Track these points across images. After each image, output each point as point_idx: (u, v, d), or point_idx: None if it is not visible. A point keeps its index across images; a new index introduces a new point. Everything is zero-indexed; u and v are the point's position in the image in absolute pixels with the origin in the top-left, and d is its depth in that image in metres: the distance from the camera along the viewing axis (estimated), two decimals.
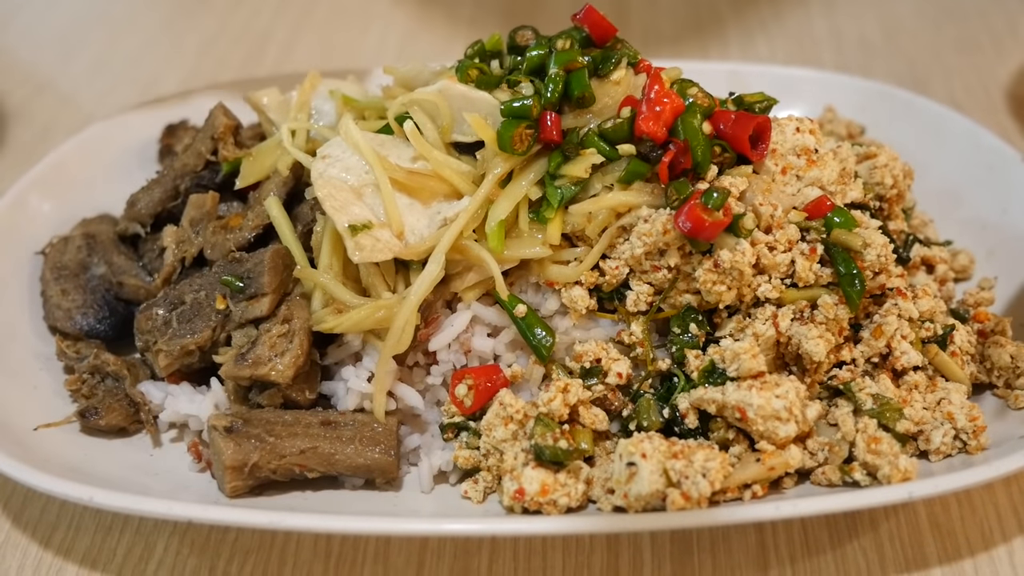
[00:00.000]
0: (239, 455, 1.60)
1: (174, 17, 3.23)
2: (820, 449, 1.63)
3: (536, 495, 1.57)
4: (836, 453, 1.62)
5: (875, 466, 1.60)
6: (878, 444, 1.60)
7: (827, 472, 1.62)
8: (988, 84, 2.62)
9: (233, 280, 1.72)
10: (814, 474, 1.64)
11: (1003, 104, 2.30)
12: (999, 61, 2.68)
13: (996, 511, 1.69)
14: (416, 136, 1.72)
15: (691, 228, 1.63)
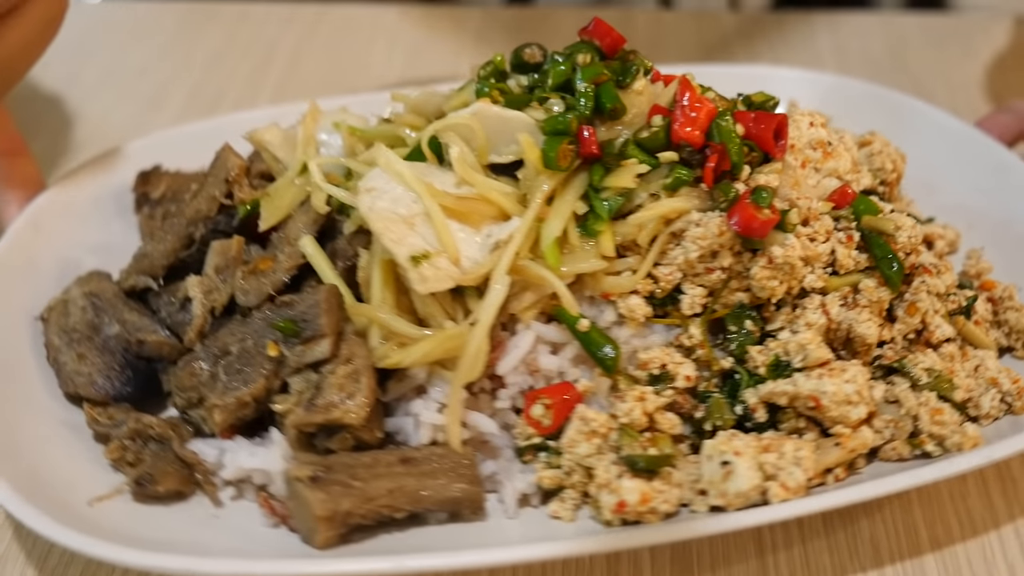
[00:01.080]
0: (330, 504, 1.56)
1: (181, 30, 3.21)
2: (885, 427, 1.69)
3: (637, 505, 1.58)
4: (901, 429, 1.69)
5: (941, 436, 1.67)
6: (941, 415, 1.68)
7: (897, 447, 1.69)
8: (992, 100, 2.71)
9: (288, 324, 1.67)
10: (882, 451, 1.70)
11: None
12: (1001, 79, 2.77)
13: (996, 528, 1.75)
14: (462, 162, 1.71)
15: (745, 227, 1.67)
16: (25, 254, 1.97)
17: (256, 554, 1.58)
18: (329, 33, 3.18)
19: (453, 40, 3.09)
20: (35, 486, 1.59)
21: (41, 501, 1.55)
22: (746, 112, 1.82)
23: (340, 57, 3.07)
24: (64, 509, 1.58)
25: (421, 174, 1.72)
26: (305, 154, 1.92)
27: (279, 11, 3.28)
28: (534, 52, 1.91)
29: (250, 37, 3.17)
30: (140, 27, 3.27)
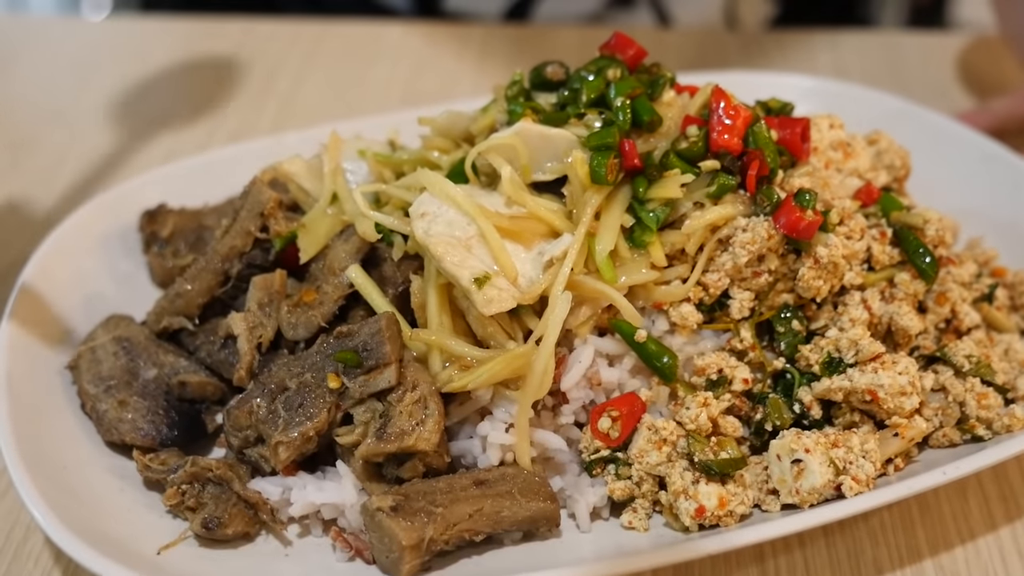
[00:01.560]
0: (414, 532, 1.55)
1: (184, 48, 3.19)
2: (934, 415, 1.75)
3: (715, 509, 1.60)
4: (950, 415, 1.75)
5: (989, 419, 1.74)
6: (987, 399, 1.74)
7: (947, 434, 1.75)
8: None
9: (350, 355, 1.65)
10: (933, 438, 1.75)
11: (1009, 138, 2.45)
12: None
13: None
14: (515, 182, 1.72)
15: (792, 229, 1.71)
16: (38, 305, 1.91)
17: None
18: (332, 51, 3.19)
19: (455, 57, 3.11)
20: (103, 539, 1.54)
21: (114, 554, 1.51)
22: (770, 118, 1.86)
23: (343, 75, 3.08)
24: (138, 559, 1.54)
25: (470, 196, 1.72)
26: (335, 184, 1.90)
27: (282, 30, 3.27)
28: (556, 70, 1.93)
29: (253, 55, 3.16)
30: (143, 45, 3.27)
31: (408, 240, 1.77)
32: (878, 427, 1.72)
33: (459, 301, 1.71)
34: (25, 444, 1.64)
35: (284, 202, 1.90)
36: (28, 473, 1.58)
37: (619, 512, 1.70)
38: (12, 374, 1.75)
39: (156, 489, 1.73)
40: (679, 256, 1.78)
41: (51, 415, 1.78)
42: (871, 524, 1.76)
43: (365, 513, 1.59)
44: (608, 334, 1.75)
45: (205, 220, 2.11)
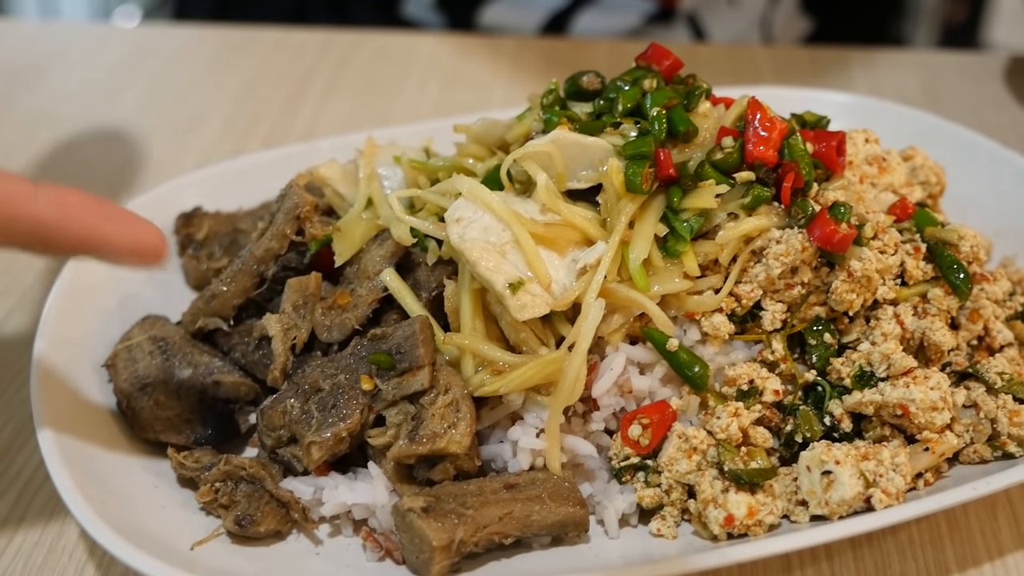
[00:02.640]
0: (444, 533, 1.56)
1: (219, 55, 3.26)
2: (965, 431, 1.75)
3: (744, 518, 1.61)
4: (981, 432, 1.74)
5: (1020, 437, 1.73)
6: (1018, 416, 1.73)
7: (978, 450, 1.74)
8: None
9: (384, 357, 1.67)
10: (964, 454, 1.75)
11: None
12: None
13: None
14: (550, 189, 1.73)
15: (827, 242, 1.72)
16: (75, 305, 1.93)
17: None
18: (365, 61, 3.23)
19: (488, 69, 3.14)
20: (137, 534, 1.56)
21: (148, 548, 1.52)
22: (806, 131, 1.87)
23: (375, 85, 3.12)
24: (172, 554, 1.56)
25: (505, 202, 1.74)
26: (369, 188, 1.92)
27: (315, 38, 3.31)
28: (592, 79, 1.95)
29: (286, 64, 3.21)
30: (177, 52, 3.32)
31: (442, 245, 1.79)
32: (908, 442, 1.72)
33: (492, 306, 1.73)
34: (62, 440, 1.65)
35: (319, 206, 1.91)
36: (65, 468, 1.60)
37: (648, 519, 1.71)
38: (50, 372, 1.77)
39: (189, 486, 1.75)
40: (712, 266, 1.78)
41: (87, 412, 1.80)
42: (899, 539, 1.75)
43: (396, 513, 1.60)
44: (640, 342, 1.76)
45: (240, 224, 2.13)
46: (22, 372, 2.06)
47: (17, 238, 1.37)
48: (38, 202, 1.36)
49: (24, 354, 2.05)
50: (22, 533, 1.77)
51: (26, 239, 1.38)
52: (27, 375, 2.01)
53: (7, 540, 1.76)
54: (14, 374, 2.07)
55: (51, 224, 1.37)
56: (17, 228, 1.36)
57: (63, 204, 1.39)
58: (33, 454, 1.90)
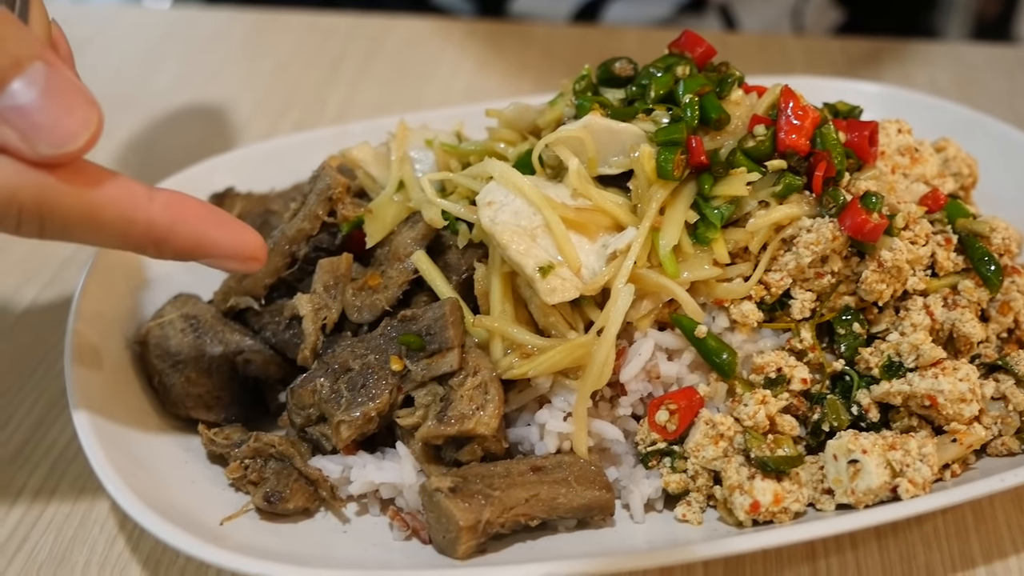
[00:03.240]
0: (471, 514, 1.57)
1: (250, 38, 3.28)
2: (993, 423, 1.74)
3: (770, 505, 1.61)
4: (1009, 424, 1.74)
5: None
6: None
7: (1007, 442, 1.74)
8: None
9: (414, 338, 1.68)
10: (991, 446, 1.75)
11: None
12: None
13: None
14: (579, 174, 1.74)
15: (858, 232, 1.72)
16: (108, 283, 1.95)
17: (400, 564, 1.59)
18: (396, 46, 3.25)
19: (518, 56, 3.15)
20: (168, 508, 1.57)
21: (179, 522, 1.54)
22: (839, 120, 1.87)
23: (406, 70, 3.13)
24: (201, 528, 1.57)
25: (537, 187, 1.74)
26: (401, 171, 1.93)
27: (346, 23, 3.33)
28: (625, 66, 1.95)
29: (318, 48, 3.23)
30: (209, 35, 3.35)
31: (473, 228, 1.79)
32: (936, 433, 1.72)
33: (522, 290, 1.74)
34: (94, 415, 1.67)
35: (352, 188, 1.92)
36: (98, 442, 1.62)
37: (673, 505, 1.71)
38: (83, 347, 1.79)
39: (219, 463, 1.77)
40: (742, 254, 1.79)
41: (120, 388, 1.81)
42: (925, 530, 1.76)
43: (424, 493, 1.61)
44: (668, 328, 1.77)
45: (271, 205, 2.15)
46: (55, 347, 2.09)
47: (132, 239, 1.40)
48: (154, 205, 1.39)
49: (57, 330, 2.09)
50: (54, 506, 1.79)
51: (140, 241, 1.40)
52: (60, 350, 2.04)
53: (39, 512, 1.78)
54: (47, 349, 2.09)
55: (165, 227, 1.40)
56: (133, 229, 1.38)
57: (177, 208, 1.42)
58: (65, 428, 1.93)
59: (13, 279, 2.28)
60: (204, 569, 1.69)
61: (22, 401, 1.99)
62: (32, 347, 2.10)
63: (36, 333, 2.14)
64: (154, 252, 1.44)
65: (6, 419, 1.95)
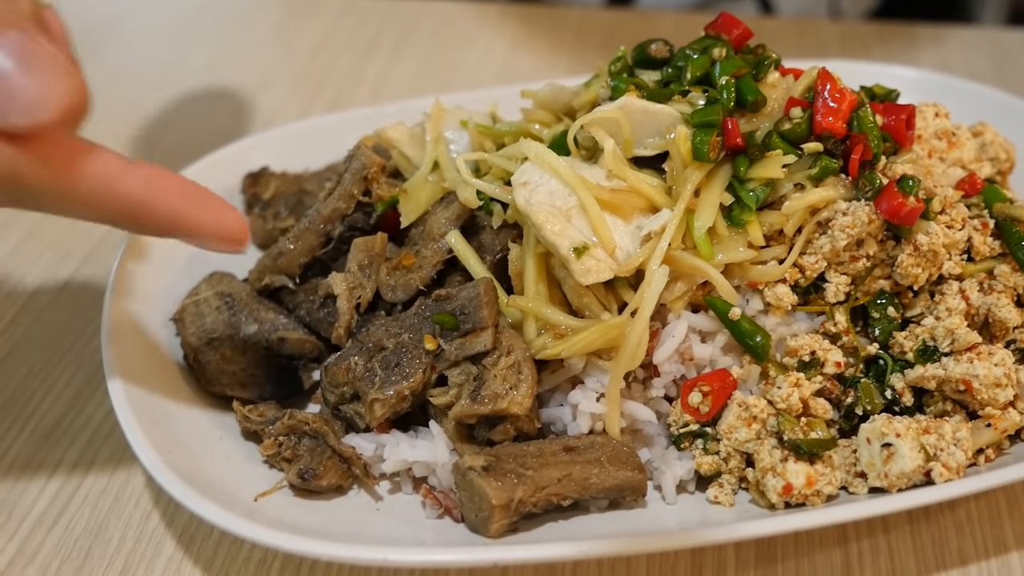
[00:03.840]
0: (504, 493, 1.58)
1: (286, 19, 3.31)
2: None
3: (803, 488, 1.61)
4: None
5: None
6: None
7: None
8: None
9: (448, 318, 1.68)
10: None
11: None
12: None
13: None
14: (617, 156, 1.74)
15: (894, 215, 1.71)
16: (144, 261, 1.97)
17: (432, 542, 1.60)
18: (430, 28, 3.26)
19: (551, 39, 3.14)
20: (203, 483, 1.59)
21: (214, 497, 1.55)
22: (875, 103, 1.86)
23: (440, 52, 3.15)
24: (236, 504, 1.58)
25: (572, 167, 1.74)
26: (436, 151, 1.93)
27: (382, 5, 3.34)
28: (660, 48, 1.94)
29: (353, 28, 3.24)
30: (245, 14, 3.37)
31: (507, 209, 1.80)
32: (970, 418, 1.71)
33: (556, 270, 1.74)
34: (131, 390, 1.69)
35: (386, 167, 1.93)
36: (134, 417, 1.63)
37: (705, 487, 1.72)
38: (120, 324, 1.81)
39: (253, 440, 1.78)
40: (777, 237, 1.78)
41: (155, 365, 1.83)
42: (957, 515, 1.75)
43: (457, 472, 1.62)
44: (702, 311, 1.77)
45: (305, 185, 2.16)
46: (92, 323, 2.11)
47: (108, 212, 1.39)
48: (131, 180, 1.38)
49: (94, 306, 2.11)
50: (90, 480, 1.82)
51: (117, 214, 1.39)
52: (97, 326, 2.06)
53: (75, 487, 1.80)
54: (84, 325, 2.11)
55: (142, 201, 1.38)
56: (110, 202, 1.37)
57: (156, 183, 1.40)
58: (101, 404, 1.95)
59: (50, 257, 2.30)
60: (238, 544, 1.70)
61: (59, 376, 2.01)
62: (69, 324, 2.12)
63: (73, 310, 2.16)
64: (132, 227, 1.43)
65: (44, 393, 1.97)
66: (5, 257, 2.31)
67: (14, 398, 1.96)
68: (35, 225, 2.38)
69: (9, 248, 2.33)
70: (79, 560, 1.69)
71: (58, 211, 1.38)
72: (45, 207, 1.37)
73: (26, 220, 2.39)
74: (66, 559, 1.69)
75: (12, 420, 1.92)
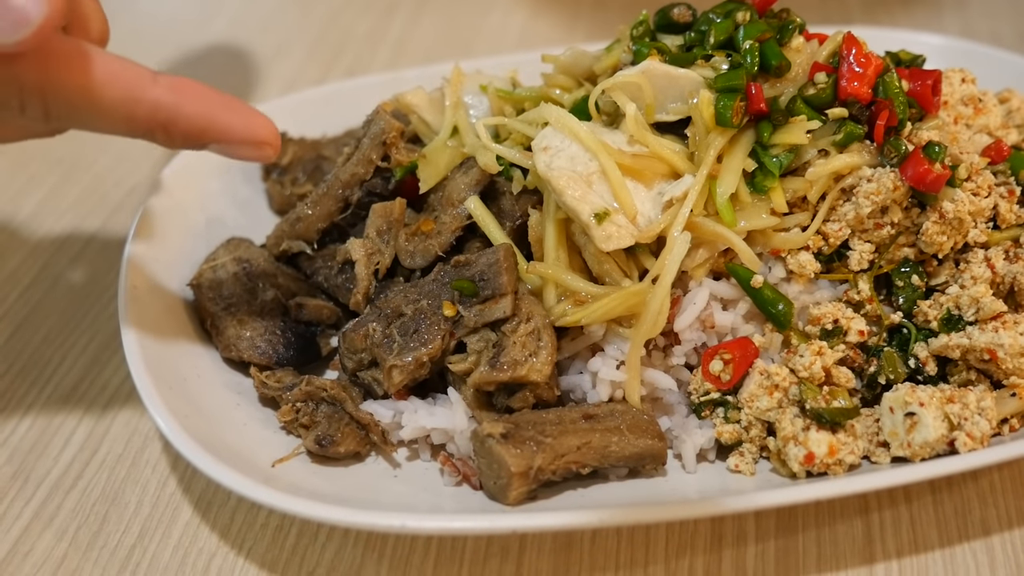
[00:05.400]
0: (523, 460, 1.56)
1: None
2: None
3: (825, 457, 1.60)
4: None
5: None
6: None
7: None
8: None
9: (467, 284, 1.67)
10: None
11: None
12: None
13: None
14: (639, 121, 1.71)
15: (919, 182, 1.68)
16: (162, 225, 1.95)
17: (450, 509, 1.60)
18: None
19: (571, 4, 3.12)
20: (221, 449, 1.58)
21: (232, 463, 1.55)
22: (901, 69, 1.83)
23: (459, 17, 3.12)
24: (254, 469, 1.58)
25: (593, 132, 1.72)
26: (455, 116, 1.91)
27: None
28: (683, 12, 1.92)
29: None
30: None
31: (527, 174, 1.78)
32: (995, 387, 1.69)
33: (576, 237, 1.72)
34: (148, 355, 1.68)
35: (405, 132, 1.91)
36: (151, 382, 1.63)
37: (725, 455, 1.70)
38: (137, 290, 1.80)
39: (271, 406, 1.78)
40: (800, 204, 1.76)
41: (173, 330, 1.82)
42: (980, 485, 1.73)
43: (475, 439, 1.61)
44: (724, 278, 1.75)
45: (323, 150, 2.14)
46: (109, 288, 2.10)
47: (137, 122, 1.40)
48: (158, 86, 1.39)
49: (111, 271, 2.10)
50: (107, 445, 1.81)
51: (146, 123, 1.41)
52: (114, 291, 2.05)
53: (92, 452, 1.80)
54: (101, 290, 2.11)
55: (170, 107, 1.40)
56: (138, 110, 1.39)
57: (183, 89, 1.42)
58: (118, 369, 1.94)
59: (67, 222, 2.30)
60: (255, 510, 1.70)
61: (76, 340, 2.00)
62: (86, 288, 2.12)
63: (90, 275, 2.15)
64: (163, 138, 1.44)
65: (61, 358, 1.97)
66: (23, 223, 2.30)
67: (31, 363, 1.96)
68: (52, 191, 2.37)
69: (27, 213, 2.32)
70: (96, 525, 1.68)
71: (89, 122, 1.40)
72: (76, 116, 1.38)
73: (43, 185, 2.39)
74: (83, 524, 1.69)
75: (29, 385, 1.92)
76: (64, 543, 1.65)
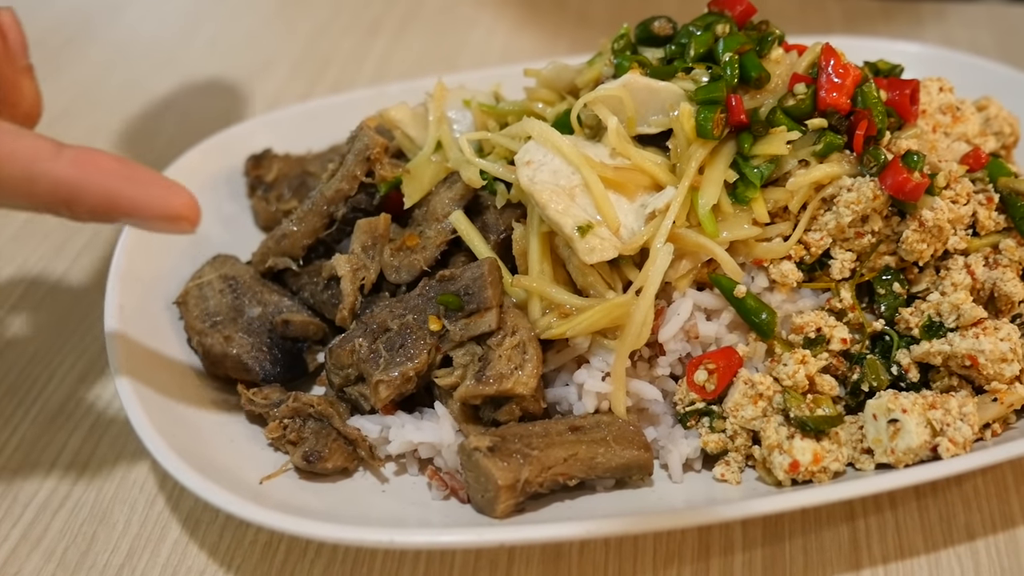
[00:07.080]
0: (510, 473, 1.57)
1: (288, 0, 3.31)
2: None
3: (810, 465, 1.61)
4: None
5: None
6: None
7: None
8: None
9: (452, 298, 1.68)
10: None
11: None
12: None
13: None
14: (619, 133, 1.73)
15: (899, 191, 1.70)
16: (147, 242, 1.95)
17: (438, 523, 1.60)
18: (432, 9, 3.26)
19: (554, 19, 3.15)
20: (208, 467, 1.58)
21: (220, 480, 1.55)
22: (879, 79, 1.85)
23: (442, 32, 3.14)
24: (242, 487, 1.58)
25: (576, 146, 1.73)
26: (439, 131, 1.93)
27: None
28: (664, 25, 1.93)
29: (355, 9, 3.24)
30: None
31: (511, 188, 1.79)
32: (976, 392, 1.71)
33: (560, 250, 1.73)
34: (135, 374, 1.68)
35: (389, 148, 1.92)
36: (138, 401, 1.63)
37: (711, 465, 1.71)
38: (123, 308, 1.80)
39: (258, 423, 1.78)
40: (781, 214, 1.77)
41: (159, 348, 1.83)
42: (964, 490, 1.75)
43: (462, 452, 1.62)
44: (707, 288, 1.76)
45: (308, 166, 2.15)
46: (95, 308, 2.10)
47: (38, 197, 1.35)
48: (59, 161, 1.34)
49: (96, 290, 2.11)
50: (94, 465, 1.81)
51: (47, 200, 1.36)
52: (99, 311, 2.04)
53: (79, 472, 1.80)
54: (87, 308, 2.11)
55: (71, 184, 1.34)
56: (37, 188, 1.34)
57: (85, 164, 1.35)
58: (105, 389, 1.95)
59: (54, 240, 2.30)
60: (243, 528, 1.70)
61: (63, 360, 2.01)
62: (72, 307, 2.12)
63: (76, 294, 2.16)
64: (68, 214, 1.38)
65: (48, 378, 1.97)
66: (8, 241, 2.30)
67: (17, 383, 1.96)
68: None
69: (12, 232, 2.32)
70: (84, 545, 1.68)
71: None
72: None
73: None
74: (71, 544, 1.69)
75: (16, 405, 1.92)
76: (52, 564, 1.65)
